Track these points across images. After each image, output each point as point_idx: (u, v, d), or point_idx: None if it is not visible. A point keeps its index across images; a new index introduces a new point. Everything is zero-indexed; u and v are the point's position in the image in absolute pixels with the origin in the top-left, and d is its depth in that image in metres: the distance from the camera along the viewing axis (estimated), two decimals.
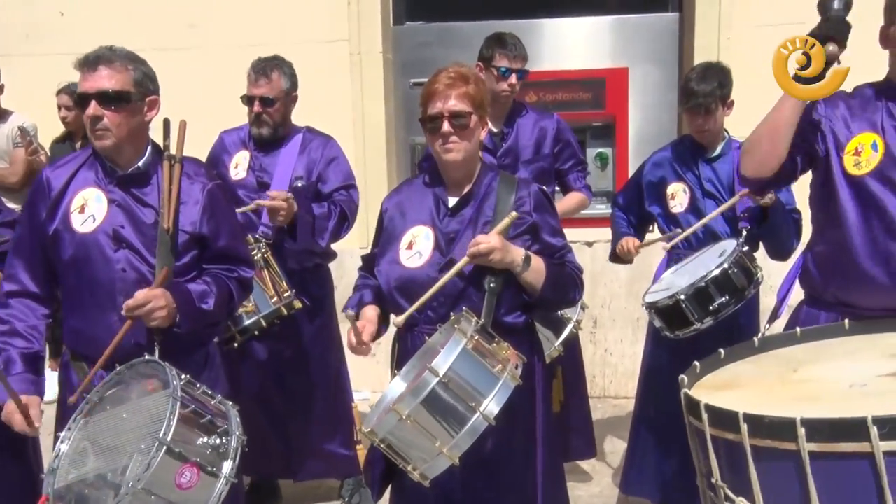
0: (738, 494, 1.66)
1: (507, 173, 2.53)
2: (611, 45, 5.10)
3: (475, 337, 2.04)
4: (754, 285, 2.88)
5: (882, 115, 2.16)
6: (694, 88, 3.13)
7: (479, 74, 2.51)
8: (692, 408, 1.76)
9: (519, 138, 3.44)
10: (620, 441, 4.20)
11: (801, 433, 1.50)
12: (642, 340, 3.62)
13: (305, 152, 3.43)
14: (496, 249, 2.19)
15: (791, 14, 4.58)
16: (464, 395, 1.96)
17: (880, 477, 1.46)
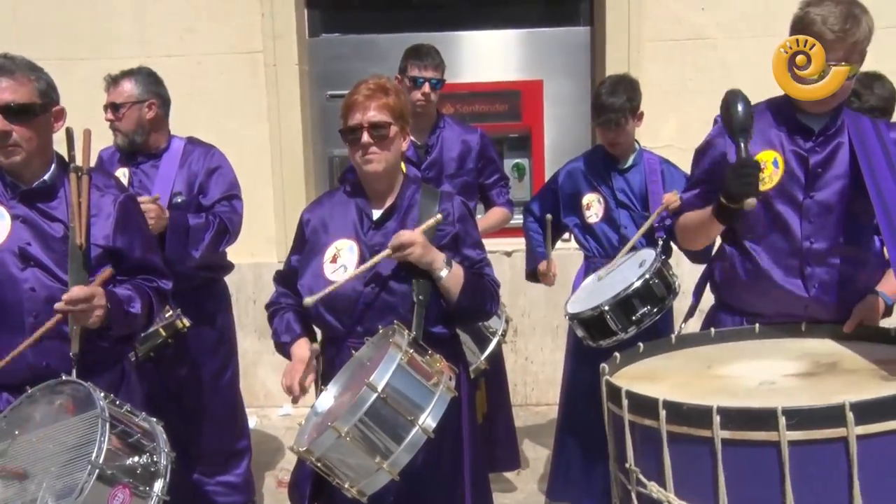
0: (649, 479, 1.75)
1: (430, 186, 2.55)
2: (526, 58, 5.19)
3: (409, 350, 2.04)
4: (673, 294, 2.97)
5: (781, 134, 2.28)
6: (604, 103, 3.21)
7: (398, 86, 2.53)
8: (613, 394, 1.85)
9: (443, 151, 3.47)
10: (543, 448, 4.26)
11: (716, 420, 1.60)
12: (562, 348, 3.70)
13: (186, 164, 3.35)
14: (417, 244, 2.21)
15: (696, 30, 4.80)
16: (402, 410, 1.97)
17: (783, 465, 1.56)
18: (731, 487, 1.62)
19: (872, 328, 2.20)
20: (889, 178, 2.16)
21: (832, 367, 1.96)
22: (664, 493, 1.71)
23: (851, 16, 2.12)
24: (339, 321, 2.33)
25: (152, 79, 3.37)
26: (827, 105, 2.23)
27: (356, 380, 2.15)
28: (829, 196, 2.24)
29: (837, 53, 2.11)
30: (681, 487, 1.70)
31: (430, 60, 3.42)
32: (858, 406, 1.54)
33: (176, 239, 3.11)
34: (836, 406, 1.55)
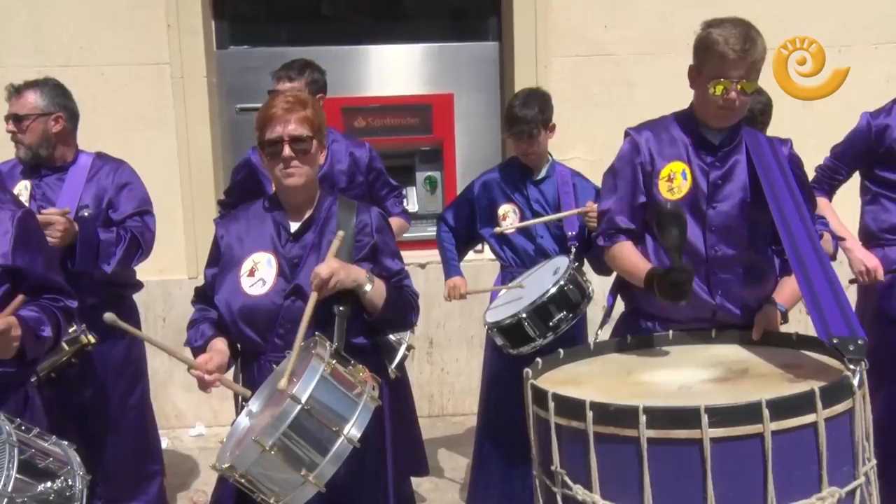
0: (576, 481, 1.78)
1: (346, 198, 2.55)
2: (436, 72, 5.25)
3: (332, 361, 2.03)
4: (587, 300, 3.06)
5: (687, 146, 2.39)
6: (517, 115, 3.29)
7: (315, 99, 2.52)
8: (539, 398, 1.88)
9: (333, 165, 3.45)
10: (462, 457, 4.30)
11: (642, 420, 1.65)
12: (478, 358, 3.74)
13: (94, 179, 3.25)
14: (336, 272, 2.19)
15: (600, 47, 4.97)
16: (327, 421, 1.95)
17: (706, 461, 1.63)
18: (656, 485, 1.67)
19: (777, 334, 2.32)
20: (785, 190, 2.30)
21: (744, 373, 2.06)
22: (590, 494, 1.75)
23: (749, 37, 2.25)
24: (259, 335, 2.29)
25: (59, 91, 3.25)
26: (730, 120, 2.35)
27: (278, 393, 2.12)
28: (729, 207, 2.36)
29: (739, 71, 2.24)
30: (607, 488, 1.74)
31: (285, 73, 3.38)
32: (773, 403, 1.63)
33: (86, 252, 3.01)
34: (753, 403, 1.64)
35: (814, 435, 1.68)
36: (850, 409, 1.76)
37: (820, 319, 1.99)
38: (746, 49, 2.23)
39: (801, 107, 4.82)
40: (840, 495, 1.71)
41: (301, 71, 3.41)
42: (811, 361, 2.10)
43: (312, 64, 3.49)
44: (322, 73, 3.50)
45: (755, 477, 1.66)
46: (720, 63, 2.26)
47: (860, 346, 1.88)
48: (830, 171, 3.54)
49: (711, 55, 2.27)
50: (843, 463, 1.75)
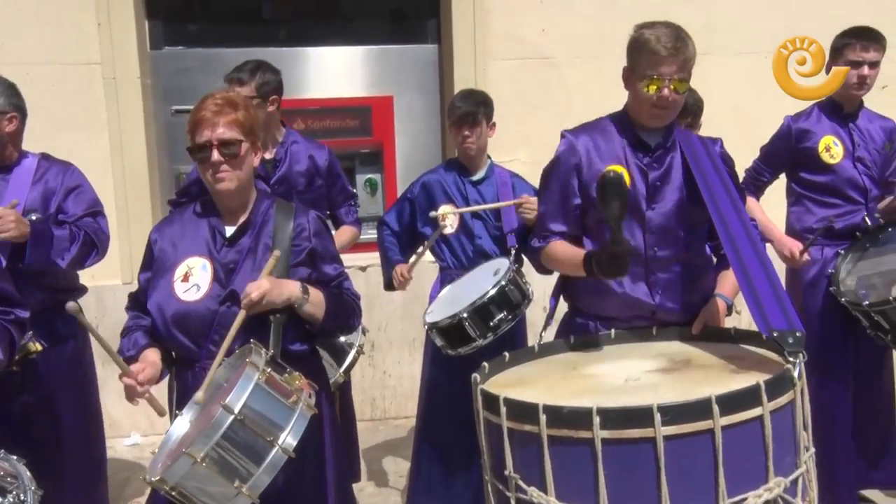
0: (529, 484, 1.77)
1: (284, 201, 2.52)
2: (376, 75, 5.24)
3: (267, 369, 1.99)
4: (527, 300, 3.08)
5: (624, 148, 2.43)
6: (459, 103, 3.36)
7: (248, 100, 2.48)
8: (489, 402, 1.87)
9: (292, 166, 3.42)
10: (404, 461, 4.29)
11: (596, 421, 1.66)
12: (420, 360, 3.74)
13: (41, 181, 3.14)
14: (268, 292, 2.15)
15: (537, 50, 5.03)
16: (261, 431, 1.91)
17: (659, 459, 1.65)
18: (611, 485, 1.68)
19: (715, 329, 2.36)
20: (720, 187, 2.35)
21: (687, 364, 2.10)
22: (545, 497, 1.74)
23: (680, 37, 2.31)
24: (193, 342, 2.24)
25: (13, 90, 3.15)
26: (665, 119, 2.39)
27: (212, 403, 2.07)
28: (667, 208, 2.40)
29: (671, 68, 2.29)
30: (562, 490, 1.74)
31: (236, 75, 3.33)
32: (722, 399, 1.66)
33: (38, 246, 2.91)
34: (703, 400, 1.66)
35: (760, 428, 1.71)
36: (792, 401, 1.80)
37: (759, 313, 2.03)
38: (678, 47, 2.29)
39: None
40: (785, 484, 1.75)
41: (252, 74, 3.35)
42: (750, 354, 2.15)
43: (265, 65, 3.42)
44: (276, 74, 3.44)
45: (707, 471, 1.68)
46: (652, 61, 2.30)
47: (799, 338, 1.92)
48: (755, 173, 3.67)
49: (643, 54, 2.32)
50: (786, 453, 1.79)
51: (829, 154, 3.49)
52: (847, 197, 3.50)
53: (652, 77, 2.30)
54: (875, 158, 3.52)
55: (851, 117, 3.52)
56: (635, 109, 2.43)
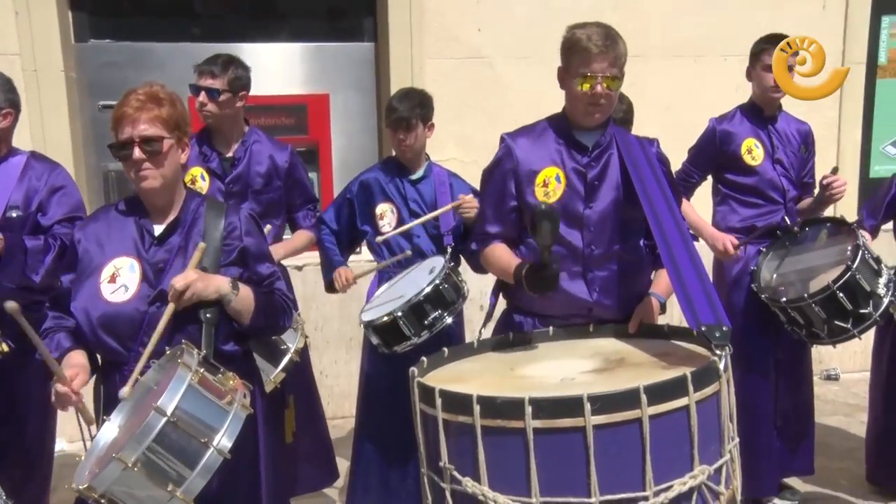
0: (464, 475, 1.81)
1: (215, 199, 2.48)
2: (311, 72, 5.20)
3: (200, 370, 1.97)
4: (462, 298, 3.10)
5: (561, 150, 2.48)
6: (396, 105, 3.34)
7: (174, 94, 2.42)
8: (426, 395, 1.90)
9: (251, 166, 3.37)
10: (342, 460, 4.26)
11: (528, 411, 1.70)
12: (357, 360, 3.73)
13: (26, 179, 3.07)
14: (194, 282, 2.13)
15: (474, 50, 5.06)
16: (195, 433, 1.89)
17: (589, 448, 1.70)
18: (542, 473, 1.73)
19: (650, 326, 2.44)
20: (655, 187, 2.41)
21: (621, 363, 2.16)
22: (479, 486, 1.78)
23: (610, 35, 2.39)
24: (121, 344, 2.19)
25: (9, 86, 3.08)
26: (599, 118, 2.44)
27: (142, 406, 2.03)
28: (605, 206, 2.46)
29: (603, 65, 2.36)
30: (495, 479, 1.78)
31: (207, 67, 3.29)
32: (650, 388, 1.72)
33: (12, 263, 2.84)
34: (632, 389, 1.72)
35: (686, 417, 1.78)
36: (717, 392, 1.87)
37: (689, 308, 2.10)
38: (608, 45, 2.36)
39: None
40: (709, 472, 1.82)
41: (225, 67, 3.29)
42: (681, 350, 2.23)
43: (237, 60, 3.38)
44: (246, 70, 3.40)
45: (635, 460, 1.74)
46: (584, 59, 2.36)
47: (725, 332, 1.99)
48: (685, 175, 3.77)
49: (576, 53, 2.38)
50: (711, 442, 1.85)
51: (751, 156, 3.62)
52: (768, 197, 3.64)
53: (585, 75, 2.36)
54: (793, 160, 3.66)
55: (771, 120, 3.66)
56: (571, 108, 2.48)
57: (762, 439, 3.62)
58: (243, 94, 3.36)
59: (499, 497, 1.76)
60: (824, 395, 5.34)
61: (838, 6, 5.52)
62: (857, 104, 5.67)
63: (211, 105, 3.29)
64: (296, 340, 3.10)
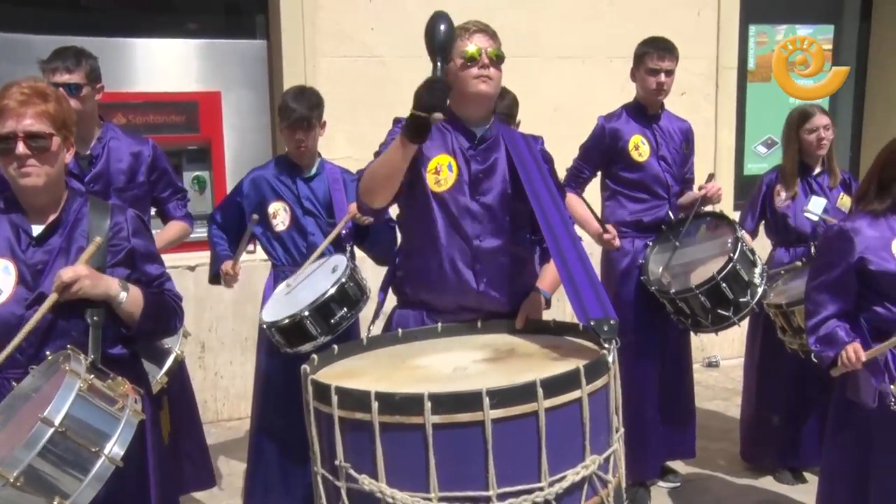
0: (360, 472, 1.81)
1: (98, 199, 2.40)
2: (203, 69, 5.08)
3: (89, 377, 1.90)
4: (365, 297, 3.11)
5: (452, 140, 2.52)
6: (294, 106, 3.31)
7: (60, 92, 2.33)
8: (321, 392, 1.88)
9: (110, 163, 3.23)
10: (239, 462, 4.21)
11: (427, 406, 1.71)
12: (252, 360, 3.69)
13: None
14: (83, 277, 2.06)
15: (367, 49, 5.07)
16: (85, 442, 1.82)
17: (487, 441, 1.73)
18: (441, 468, 1.74)
19: (537, 322, 2.50)
20: (541, 183, 2.47)
21: (511, 353, 2.21)
22: (376, 484, 1.77)
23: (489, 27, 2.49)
24: None
25: None
26: (486, 92, 2.46)
27: (21, 416, 1.93)
28: (492, 199, 2.50)
29: (485, 41, 2.44)
30: (393, 476, 1.77)
31: (61, 63, 3.11)
32: (546, 382, 1.76)
33: None
34: (529, 384, 1.75)
35: (579, 409, 1.83)
36: (606, 384, 1.94)
37: (578, 303, 2.15)
38: (485, 26, 2.47)
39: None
40: (599, 461, 1.88)
41: (78, 60, 3.11)
42: (568, 343, 2.30)
43: (85, 51, 3.20)
44: (97, 60, 3.23)
45: (531, 452, 1.78)
46: (465, 37, 2.43)
47: (613, 325, 2.06)
48: (576, 171, 3.91)
49: (457, 35, 2.42)
50: (601, 432, 1.92)
51: (637, 152, 3.79)
52: (653, 192, 3.82)
53: (469, 49, 2.41)
54: (675, 157, 3.86)
55: (655, 119, 3.84)
56: (460, 92, 2.47)
57: (648, 425, 3.80)
58: (100, 86, 3.21)
59: (396, 493, 1.77)
60: (705, 380, 5.64)
61: (711, 14, 5.85)
62: (730, 106, 6.02)
63: (73, 101, 3.12)
64: (178, 341, 3.03)
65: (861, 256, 2.67)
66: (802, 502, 3.78)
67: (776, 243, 4.14)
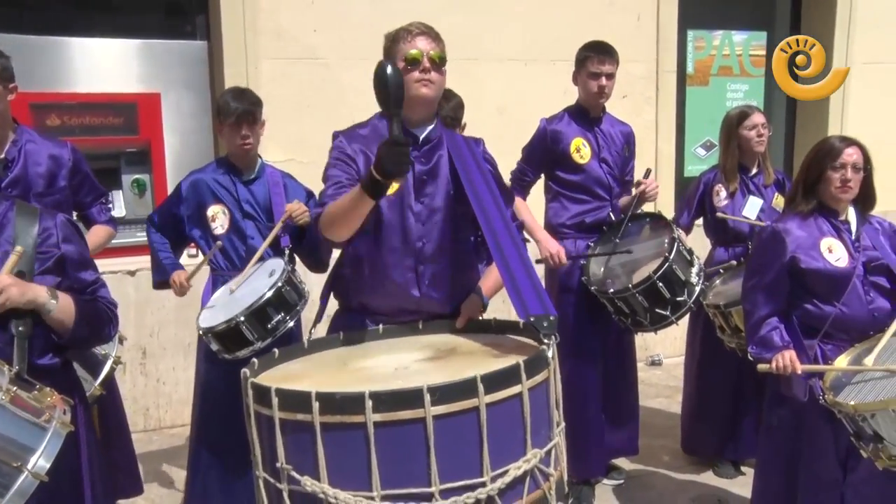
0: (302, 474, 1.79)
1: (25, 203, 2.33)
2: (142, 70, 4.98)
3: (12, 388, 1.85)
4: (304, 301, 3.09)
5: None
6: (235, 104, 3.27)
7: None
8: (261, 395, 1.86)
9: (28, 167, 3.11)
10: (181, 470, 4.13)
11: (368, 405, 1.71)
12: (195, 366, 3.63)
13: None
14: (7, 287, 2.00)
15: (310, 50, 5.05)
16: (6, 457, 1.77)
17: (429, 438, 1.74)
18: (383, 467, 1.73)
19: (477, 322, 2.51)
20: (483, 184, 2.49)
21: (452, 352, 2.22)
22: (318, 484, 1.76)
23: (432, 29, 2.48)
24: None
25: None
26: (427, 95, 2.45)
27: None
28: (435, 202, 2.51)
29: (425, 44, 2.43)
30: (335, 476, 1.77)
31: None
32: (486, 377, 1.77)
33: None
34: (469, 379, 1.76)
35: (520, 404, 1.84)
36: (546, 379, 1.96)
37: (518, 300, 2.17)
38: (428, 28, 2.46)
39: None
40: (541, 455, 1.90)
41: None
42: (509, 341, 2.32)
43: None
44: (8, 59, 3.10)
45: (473, 447, 1.78)
46: (407, 40, 2.43)
47: (552, 321, 2.07)
48: (520, 174, 3.95)
49: (400, 40, 2.44)
50: (541, 427, 1.93)
51: (579, 154, 3.84)
52: (595, 194, 3.88)
53: (411, 52, 2.41)
54: (616, 159, 3.93)
55: (596, 122, 3.90)
56: None
57: (592, 424, 3.86)
58: (13, 86, 3.09)
59: (339, 493, 1.76)
60: (649, 379, 5.75)
61: (650, 19, 5.97)
62: (670, 110, 6.15)
63: None
64: (114, 347, 2.96)
65: (792, 255, 2.78)
66: (741, 494, 3.88)
67: (715, 243, 4.24)
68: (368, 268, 2.51)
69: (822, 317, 2.76)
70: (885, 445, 2.45)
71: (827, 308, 2.76)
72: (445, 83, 2.55)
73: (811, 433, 2.76)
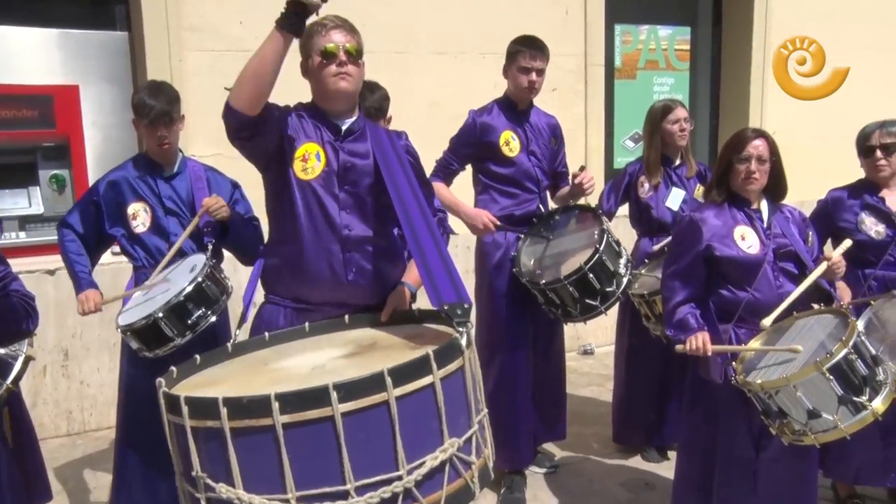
0: (217, 481, 1.77)
1: None
2: (58, 61, 4.81)
3: None
4: (226, 295, 3.04)
5: (321, 130, 2.52)
6: (151, 102, 3.16)
7: None
8: (172, 404, 1.84)
9: None
10: (105, 474, 4.03)
11: (275, 407, 1.69)
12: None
13: None
14: None
15: (236, 42, 4.95)
16: None
17: (339, 435, 1.72)
18: (296, 468, 1.72)
19: (402, 312, 2.52)
20: (402, 176, 2.50)
21: (372, 347, 2.22)
22: (234, 490, 1.74)
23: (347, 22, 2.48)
24: None
25: None
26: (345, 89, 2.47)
27: None
28: (359, 190, 2.53)
29: (341, 37, 2.43)
30: (250, 481, 1.75)
31: None
32: (394, 371, 1.76)
33: None
34: (377, 374, 1.75)
35: (433, 394, 1.83)
36: (461, 367, 1.95)
37: (432, 288, 2.18)
38: (343, 21, 2.46)
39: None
40: (459, 444, 1.89)
41: None
42: (431, 331, 2.32)
43: None
44: None
45: (386, 442, 1.77)
46: (322, 34, 2.42)
47: (466, 309, 2.09)
48: (445, 163, 3.96)
49: (314, 34, 2.43)
50: (459, 415, 1.93)
51: (508, 147, 3.86)
52: (524, 187, 3.90)
53: (326, 46, 2.41)
54: (545, 152, 3.96)
55: (525, 115, 3.93)
56: (320, 90, 2.50)
57: (521, 414, 3.89)
58: None
59: (255, 498, 1.74)
60: (580, 367, 5.84)
61: (578, 13, 6.04)
62: (599, 103, 6.25)
63: None
64: (24, 346, 2.86)
65: (708, 244, 2.87)
66: (668, 477, 3.97)
67: (640, 233, 4.32)
68: (295, 255, 2.51)
69: (737, 302, 2.85)
70: (788, 421, 2.59)
71: (741, 293, 2.86)
72: (364, 75, 2.55)
73: (726, 414, 2.88)
